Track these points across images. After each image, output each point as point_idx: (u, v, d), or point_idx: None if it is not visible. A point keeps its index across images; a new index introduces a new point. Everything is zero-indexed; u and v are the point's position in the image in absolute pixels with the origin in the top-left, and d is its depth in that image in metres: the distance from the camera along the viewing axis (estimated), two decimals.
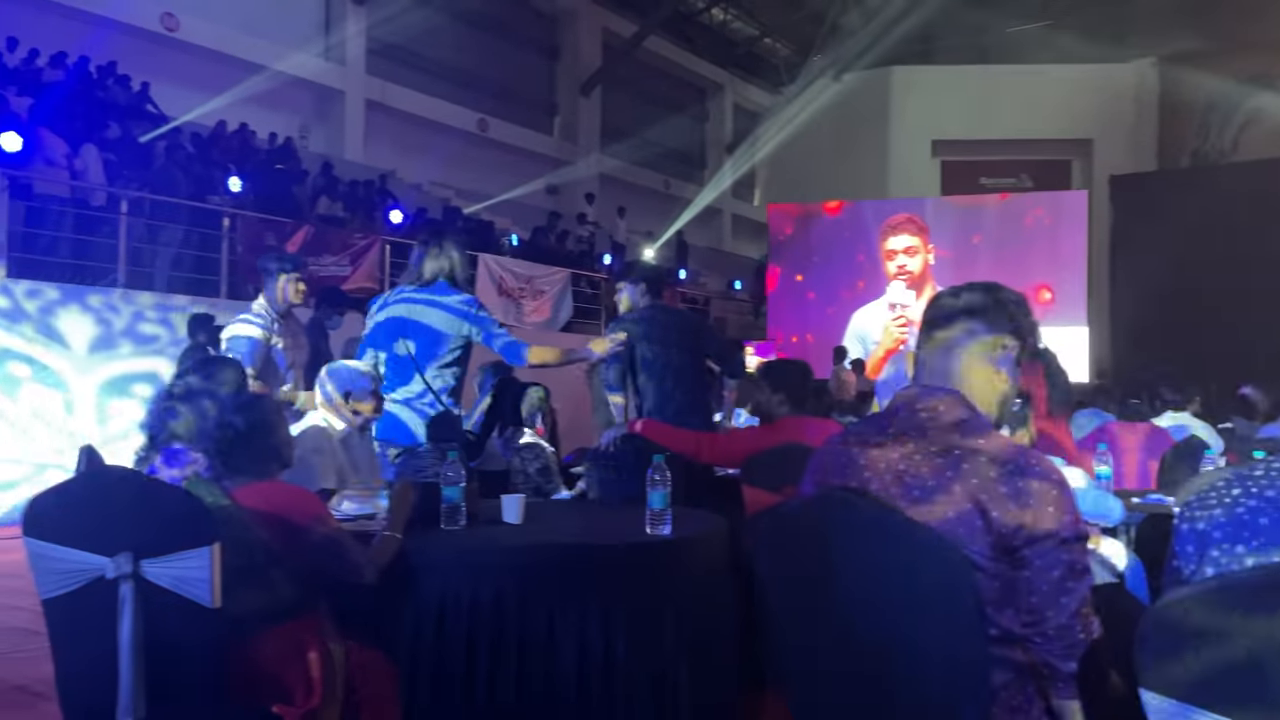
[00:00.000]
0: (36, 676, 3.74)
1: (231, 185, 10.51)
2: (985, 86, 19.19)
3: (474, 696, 2.33)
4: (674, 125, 23.51)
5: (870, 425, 1.62)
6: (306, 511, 2.26)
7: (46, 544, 1.97)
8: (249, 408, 2.37)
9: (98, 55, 12.03)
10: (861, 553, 1.40)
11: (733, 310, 19.06)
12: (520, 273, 13.02)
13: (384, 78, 17.48)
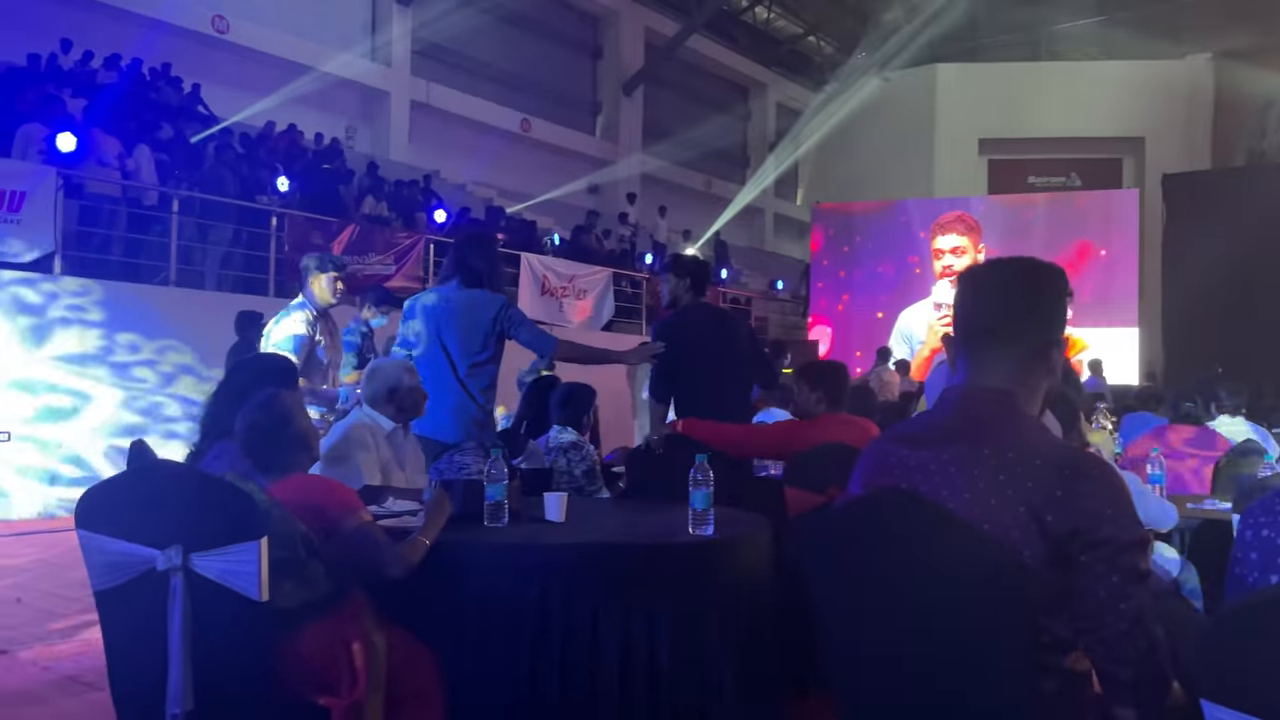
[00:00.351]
0: (88, 666, 3.82)
1: (279, 185, 10.67)
2: (1033, 84, 18.91)
3: (516, 694, 2.33)
4: (716, 124, 23.45)
5: (919, 424, 1.57)
6: (339, 503, 2.28)
7: (99, 536, 2.01)
8: (270, 404, 2.40)
9: (150, 57, 12.27)
10: (911, 555, 1.37)
11: (774, 310, 18.96)
12: (562, 272, 13.06)
13: (429, 78, 17.64)
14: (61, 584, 5.27)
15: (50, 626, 4.49)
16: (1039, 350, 1.54)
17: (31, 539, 6.70)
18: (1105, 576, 1.33)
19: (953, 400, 1.55)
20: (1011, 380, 1.52)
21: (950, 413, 1.53)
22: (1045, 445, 1.44)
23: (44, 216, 7.81)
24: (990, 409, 1.49)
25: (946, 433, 1.50)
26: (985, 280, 1.58)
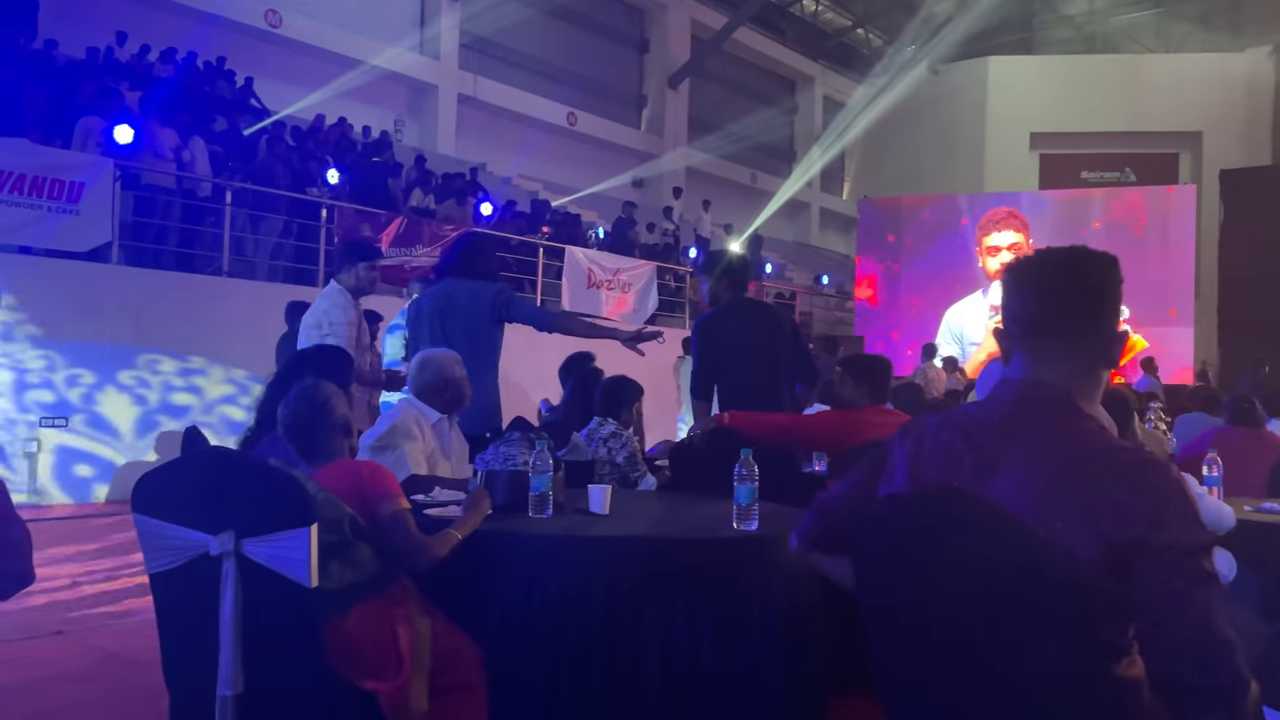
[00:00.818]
0: (142, 647, 3.91)
1: (330, 177, 10.80)
2: (1088, 77, 18.57)
3: (558, 686, 2.34)
4: (762, 118, 23.33)
5: (973, 418, 1.51)
6: (379, 488, 2.31)
7: (153, 520, 2.05)
8: (310, 393, 2.44)
9: (205, 51, 12.49)
10: (964, 556, 1.34)
11: (819, 305, 18.83)
12: (607, 265, 13.07)
13: (476, 72, 17.75)
14: (120, 566, 5.40)
15: (106, 608, 4.60)
16: (1098, 344, 1.50)
17: (91, 522, 6.87)
18: (1170, 582, 1.29)
19: (1008, 397, 1.50)
20: (1069, 376, 1.48)
21: (1006, 410, 1.49)
22: (1106, 448, 1.40)
23: (102, 207, 7.98)
24: (1048, 408, 1.46)
25: (1003, 431, 1.46)
26: (1040, 272, 1.53)
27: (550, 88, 19.17)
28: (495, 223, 12.70)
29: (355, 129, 13.85)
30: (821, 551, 1.74)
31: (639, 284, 13.50)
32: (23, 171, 7.51)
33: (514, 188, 16.56)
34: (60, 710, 3.34)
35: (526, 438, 3.35)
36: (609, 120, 20.36)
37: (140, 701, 3.34)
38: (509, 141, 18.00)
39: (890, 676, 1.49)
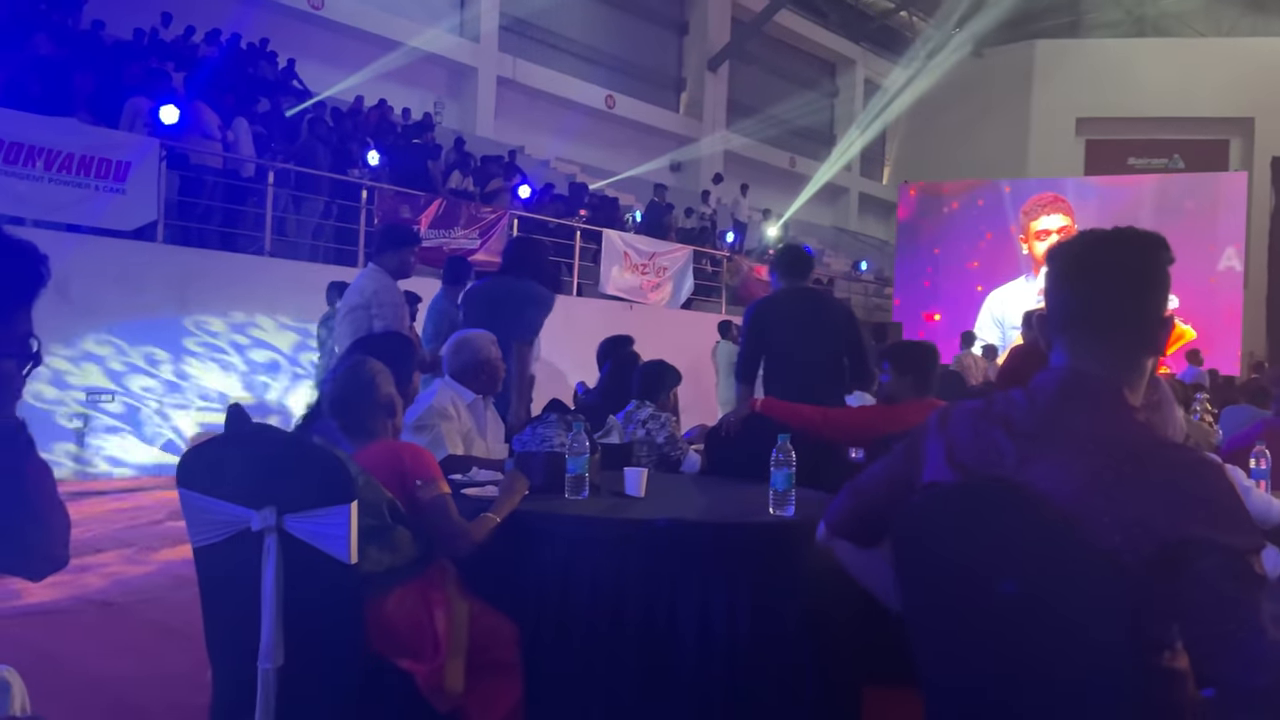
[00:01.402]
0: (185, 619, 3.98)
1: (370, 159, 10.87)
2: (1137, 61, 18.20)
3: (594, 668, 2.35)
4: (802, 101, 23.12)
5: (1015, 407, 1.48)
6: (420, 471, 2.32)
7: (198, 495, 2.08)
8: (355, 370, 2.45)
9: (248, 32, 12.60)
10: (1008, 548, 1.33)
11: (857, 292, 18.68)
12: (643, 249, 13.05)
13: (515, 54, 17.74)
14: (164, 540, 5.50)
15: (152, 581, 4.69)
16: (1143, 330, 1.46)
17: (136, 496, 7.01)
18: (1219, 583, 1.26)
19: (1051, 385, 1.47)
20: (1116, 366, 1.44)
21: (1050, 399, 1.45)
22: (1157, 444, 1.37)
23: (148, 186, 8.10)
24: (1094, 398, 1.42)
25: (1047, 421, 1.43)
26: (1083, 255, 1.48)
27: (589, 70, 19.13)
28: (533, 205, 12.72)
29: (395, 111, 13.92)
30: (851, 540, 1.72)
31: (675, 267, 13.48)
32: (71, 151, 7.64)
33: (552, 170, 16.56)
34: (107, 680, 3.41)
35: (563, 420, 3.36)
36: (647, 103, 20.28)
37: (184, 673, 3.41)
38: (547, 124, 18.00)
39: (930, 667, 1.47)
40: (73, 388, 7.50)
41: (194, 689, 2.99)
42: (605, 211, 14.52)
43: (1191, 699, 1.38)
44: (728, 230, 16.43)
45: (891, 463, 1.66)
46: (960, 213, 15.96)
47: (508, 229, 11.27)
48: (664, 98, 21.09)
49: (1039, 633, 1.32)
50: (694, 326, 12.79)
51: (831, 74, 24.94)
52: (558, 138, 17.83)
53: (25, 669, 1.69)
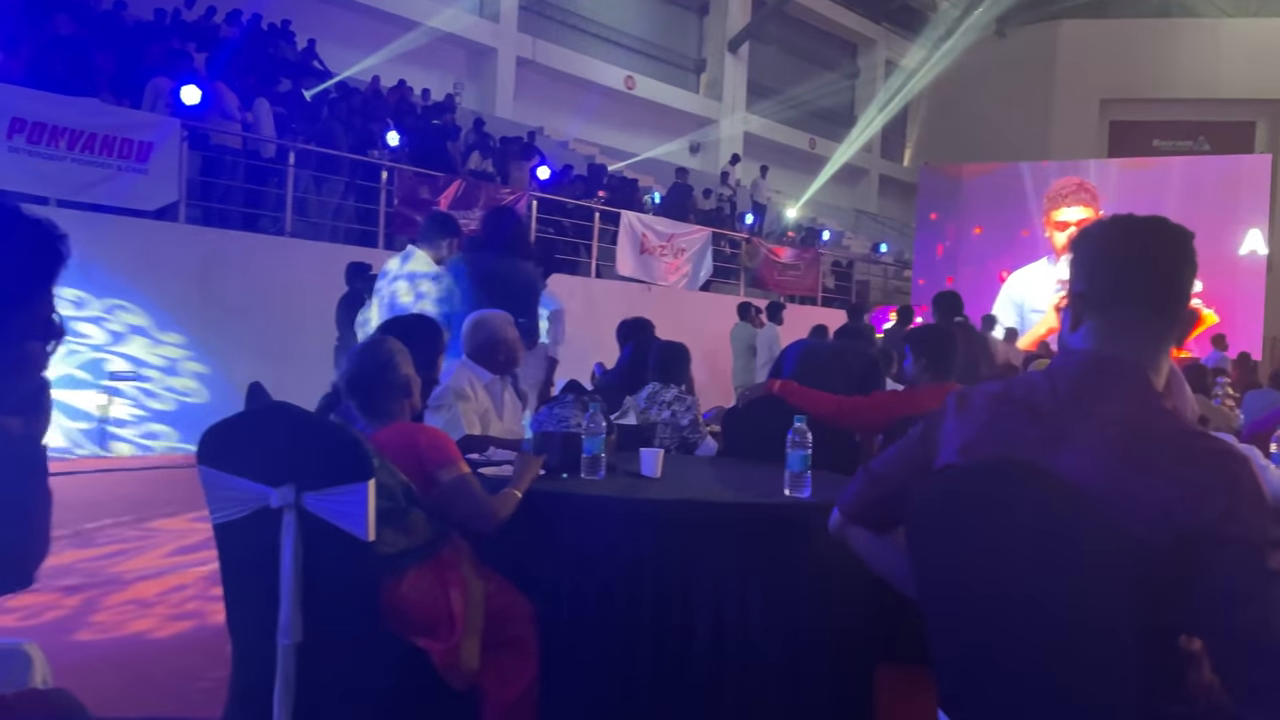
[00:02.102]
0: (205, 595, 4.04)
1: (390, 140, 10.88)
2: (1162, 42, 17.94)
3: (609, 646, 2.37)
4: (822, 82, 22.95)
5: (1037, 390, 1.47)
6: (437, 453, 2.33)
7: (218, 473, 2.10)
8: (373, 349, 2.46)
9: (269, 13, 12.61)
10: (1026, 531, 1.32)
11: (876, 274, 18.59)
12: (662, 231, 13.03)
13: (535, 34, 17.69)
14: (185, 517, 5.57)
15: (172, 558, 4.75)
16: (1171, 318, 1.45)
17: (157, 474, 7.09)
18: (1236, 576, 1.25)
19: (1075, 368, 1.46)
20: (1141, 351, 1.44)
21: (1073, 382, 1.44)
22: (1183, 432, 1.35)
23: (169, 167, 8.15)
24: (1119, 382, 1.42)
25: (1070, 404, 1.42)
26: (1118, 240, 1.48)
27: (609, 51, 19.05)
28: (552, 186, 12.71)
29: (415, 92, 13.92)
30: (866, 526, 1.71)
31: (693, 249, 13.45)
32: (94, 131, 7.68)
33: (571, 151, 16.53)
34: (129, 654, 3.47)
35: (580, 400, 3.37)
36: (667, 84, 20.19)
37: (205, 647, 3.46)
38: (567, 105, 17.95)
39: (943, 649, 1.48)
40: (96, 366, 7.58)
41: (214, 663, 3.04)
42: (624, 193, 14.49)
43: (1207, 681, 1.38)
44: (747, 212, 16.36)
45: (907, 446, 1.65)
46: (980, 195, 15.81)
47: (526, 210, 11.27)
48: (684, 79, 20.99)
49: (1055, 616, 1.31)
50: (712, 308, 12.77)
51: (852, 54, 24.73)
52: (577, 118, 17.79)
53: (45, 643, 1.72)
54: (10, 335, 1.12)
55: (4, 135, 7.24)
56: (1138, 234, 1.48)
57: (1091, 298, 1.48)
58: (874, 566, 1.70)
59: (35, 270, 1.15)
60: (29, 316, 1.13)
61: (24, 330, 1.14)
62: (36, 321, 1.15)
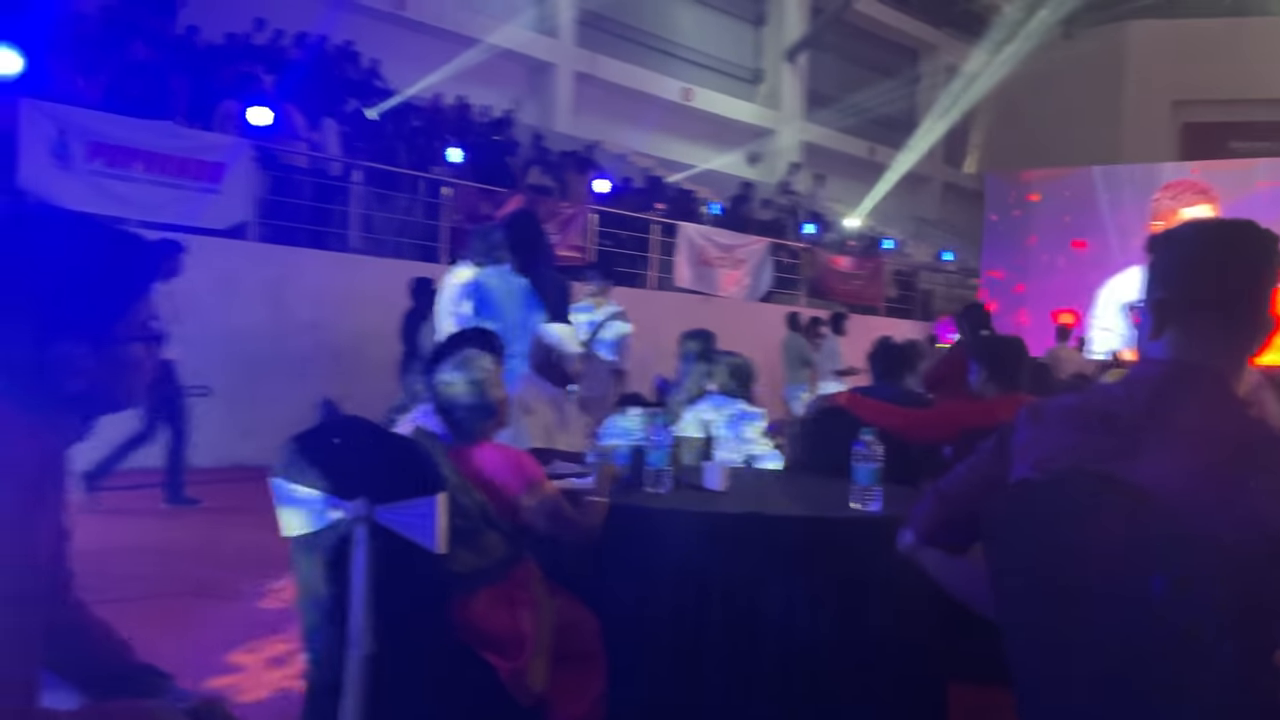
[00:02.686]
0: (278, 607, 4.12)
1: (451, 156, 11.04)
2: (1239, 41, 17.42)
3: (676, 660, 2.36)
4: (883, 90, 22.69)
5: (1113, 400, 1.42)
6: (523, 475, 2.34)
7: (291, 486, 2.14)
8: (464, 366, 2.48)
9: (334, 34, 12.91)
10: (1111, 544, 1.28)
11: (940, 283, 18.30)
12: (720, 242, 13.00)
13: (593, 49, 17.81)
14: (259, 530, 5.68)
15: (245, 570, 4.85)
16: (1255, 325, 1.40)
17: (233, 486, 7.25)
18: None
19: (1154, 377, 1.42)
20: (1227, 358, 1.39)
21: (1153, 391, 1.40)
22: (1265, 439, 1.31)
23: (240, 186, 8.37)
24: (1202, 390, 1.37)
25: (1150, 414, 1.38)
26: (1205, 245, 1.43)
27: (666, 63, 19.10)
28: (611, 199, 12.77)
29: (475, 108, 14.11)
30: (938, 547, 1.67)
31: (753, 260, 13.39)
32: (169, 153, 7.93)
33: (629, 164, 16.59)
34: (207, 663, 3.54)
35: (644, 413, 3.37)
36: (725, 95, 20.16)
37: (279, 657, 3.53)
38: (624, 118, 18.03)
39: (1024, 667, 1.44)
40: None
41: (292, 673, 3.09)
42: (682, 204, 14.50)
43: None
44: (806, 222, 16.25)
45: (979, 463, 1.61)
46: (1048, 201, 15.48)
47: (585, 224, 11.33)
48: (741, 89, 20.94)
49: (1142, 630, 1.27)
50: (773, 319, 12.69)
51: (913, 60, 24.44)
52: (635, 131, 17.85)
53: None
54: (115, 339, 1.21)
55: (84, 159, 7.50)
56: (1220, 239, 1.43)
57: (1171, 304, 1.43)
58: (948, 588, 1.66)
59: (136, 280, 1.25)
60: (130, 321, 1.23)
61: (127, 334, 1.23)
62: (137, 325, 1.25)
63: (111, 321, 1.21)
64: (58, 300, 1.16)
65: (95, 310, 1.19)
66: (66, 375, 1.18)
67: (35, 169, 7.27)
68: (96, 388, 1.21)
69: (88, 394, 1.21)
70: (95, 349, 1.19)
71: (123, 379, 1.24)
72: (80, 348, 1.18)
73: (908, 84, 24.33)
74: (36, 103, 7.39)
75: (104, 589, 4.02)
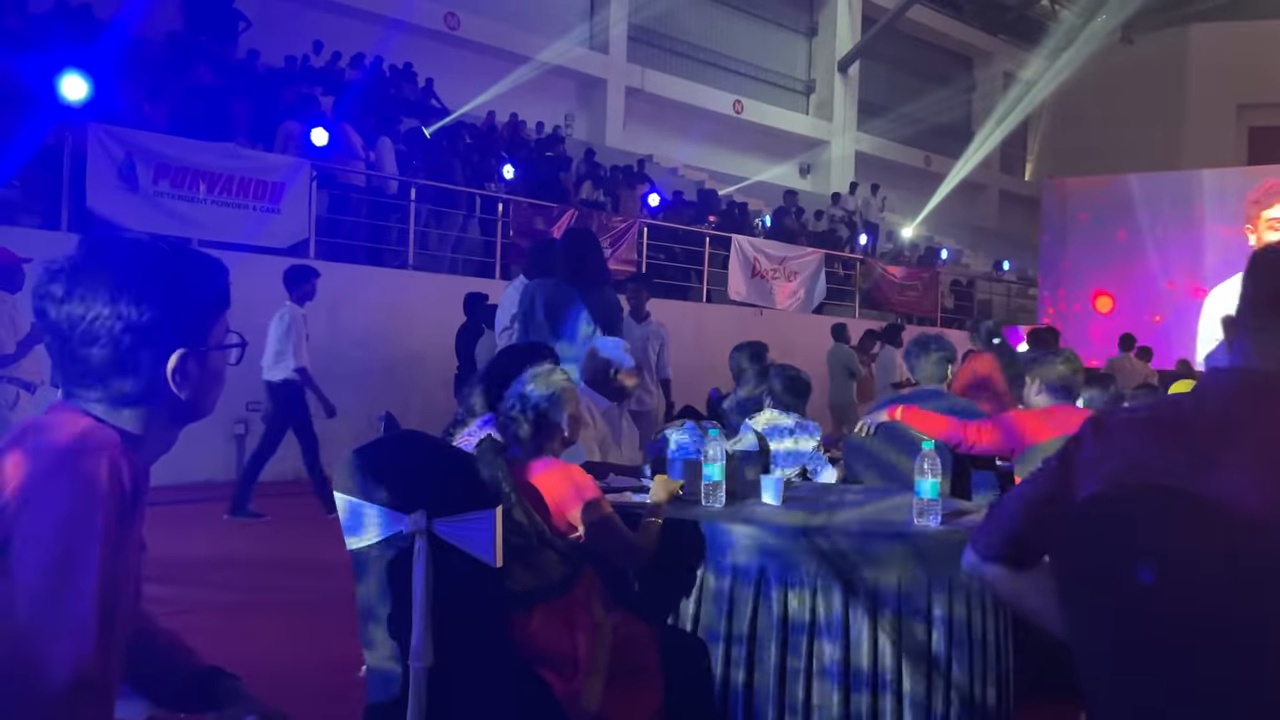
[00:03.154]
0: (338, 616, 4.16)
1: (505, 173, 11.16)
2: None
3: (732, 674, 2.33)
4: (937, 98, 22.47)
5: (1180, 411, 1.39)
6: (581, 494, 2.34)
7: (352, 499, 2.17)
8: (543, 378, 2.49)
9: (390, 55, 13.15)
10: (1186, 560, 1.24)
11: (999, 293, 18.01)
12: (773, 254, 12.95)
13: (643, 63, 17.91)
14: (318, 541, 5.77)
15: (303, 580, 4.92)
16: None
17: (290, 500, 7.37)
18: None
19: (1225, 387, 1.38)
20: None
21: (1225, 402, 1.36)
22: None
23: (300, 206, 8.54)
24: (1276, 401, 1.33)
25: (1224, 425, 1.34)
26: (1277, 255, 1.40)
27: (716, 76, 19.13)
28: (663, 213, 12.80)
29: (528, 125, 14.25)
30: (1003, 563, 1.63)
31: (806, 272, 13.32)
32: (231, 173, 8.13)
33: (681, 178, 16.62)
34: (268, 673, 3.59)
35: (699, 426, 3.36)
36: (776, 106, 20.13)
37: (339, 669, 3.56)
38: (676, 131, 18.08)
39: (1096, 684, 1.40)
40: (233, 397, 7.93)
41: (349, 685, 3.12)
42: (734, 217, 14.48)
43: None
44: (860, 233, 16.12)
45: (1043, 478, 1.57)
46: (1110, 209, 15.13)
47: (638, 238, 11.37)
48: (793, 100, 20.89)
49: (1219, 645, 1.23)
50: (826, 331, 12.59)
51: (968, 68, 24.17)
52: (686, 144, 17.89)
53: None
54: (208, 349, 1.30)
55: (150, 181, 7.72)
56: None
57: (1246, 315, 1.39)
58: (1016, 606, 1.62)
59: (216, 293, 1.34)
60: (215, 334, 1.33)
61: (216, 344, 1.33)
62: (219, 337, 1.34)
63: (206, 332, 1.30)
64: (168, 315, 1.23)
65: (194, 322, 1.28)
66: (182, 385, 1.26)
67: (103, 191, 7.50)
68: (198, 396, 1.30)
69: (191, 403, 1.29)
70: (198, 359, 1.28)
71: (214, 387, 1.34)
72: (190, 357, 1.26)
73: (963, 92, 24.07)
74: (105, 127, 7.62)
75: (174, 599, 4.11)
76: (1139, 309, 14.21)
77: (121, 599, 1.17)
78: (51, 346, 1.23)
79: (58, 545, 1.09)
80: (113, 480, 1.14)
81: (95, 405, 1.22)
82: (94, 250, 1.24)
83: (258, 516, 6.53)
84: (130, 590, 1.24)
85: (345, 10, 13.79)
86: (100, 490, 1.12)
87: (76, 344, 1.21)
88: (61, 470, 1.12)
